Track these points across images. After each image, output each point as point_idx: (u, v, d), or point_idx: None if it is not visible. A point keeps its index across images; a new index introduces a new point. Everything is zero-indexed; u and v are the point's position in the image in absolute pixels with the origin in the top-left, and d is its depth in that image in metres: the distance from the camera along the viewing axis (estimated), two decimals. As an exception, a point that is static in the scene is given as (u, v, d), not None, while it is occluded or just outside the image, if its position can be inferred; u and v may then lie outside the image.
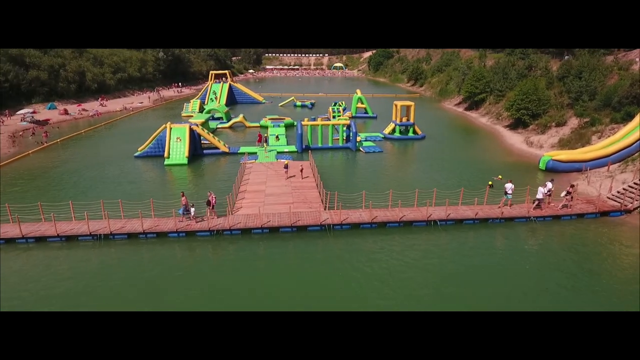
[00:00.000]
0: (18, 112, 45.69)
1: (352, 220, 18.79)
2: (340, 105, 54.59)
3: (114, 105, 59.69)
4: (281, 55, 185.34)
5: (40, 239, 17.74)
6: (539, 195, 20.07)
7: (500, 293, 14.23)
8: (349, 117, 50.60)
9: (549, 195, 20.43)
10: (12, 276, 15.15)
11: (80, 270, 15.57)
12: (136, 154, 32.11)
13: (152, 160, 31.15)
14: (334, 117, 49.73)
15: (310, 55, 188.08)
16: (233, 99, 67.06)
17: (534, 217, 19.63)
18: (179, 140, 30.98)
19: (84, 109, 53.89)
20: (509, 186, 20.06)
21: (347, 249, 17.27)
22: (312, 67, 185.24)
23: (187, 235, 18.27)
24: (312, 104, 63.53)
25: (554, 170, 26.70)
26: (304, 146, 34.21)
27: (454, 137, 40.29)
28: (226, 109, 50.82)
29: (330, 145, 35.23)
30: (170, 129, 31.32)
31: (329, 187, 22.46)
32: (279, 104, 64.53)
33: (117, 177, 26.91)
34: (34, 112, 46.66)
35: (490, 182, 23.35)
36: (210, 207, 18.83)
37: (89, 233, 17.82)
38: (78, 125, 46.52)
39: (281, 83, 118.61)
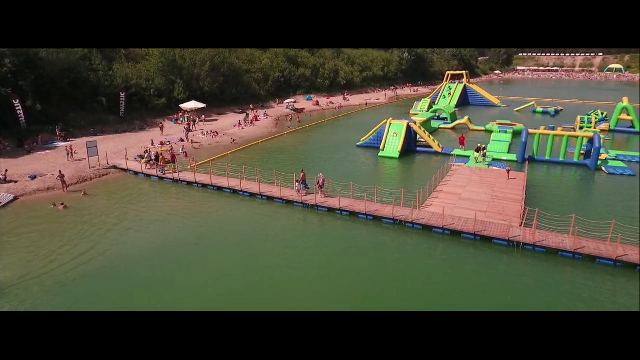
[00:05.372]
0: (285, 101, 58.06)
1: (549, 244, 16.27)
2: (596, 115, 45.56)
3: (355, 100, 67.74)
4: (538, 55, 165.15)
5: (270, 198, 22.86)
6: None
7: None
8: (604, 130, 41.89)
9: None
10: (241, 218, 20.42)
11: (284, 227, 19.51)
12: (358, 143, 36.13)
13: (370, 150, 34.47)
14: (581, 128, 42.12)
15: (577, 54, 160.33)
16: (466, 100, 65.25)
17: None
18: (395, 135, 33.08)
19: (331, 102, 63.64)
20: None
21: (536, 274, 15.20)
22: (576, 68, 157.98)
23: (374, 219, 19.95)
24: (557, 111, 55.13)
25: None
26: (527, 156, 30.72)
27: None
28: (453, 109, 50.15)
29: (561, 159, 30.35)
30: (390, 124, 33.74)
31: (541, 205, 19.85)
32: (515, 109, 58.77)
33: (339, 160, 31.29)
34: (295, 102, 58.34)
35: None
36: (319, 187, 21.63)
37: (301, 201, 21.82)
38: (324, 115, 55.37)
39: (531, 86, 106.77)
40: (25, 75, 33.06)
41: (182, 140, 36.36)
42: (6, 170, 24.96)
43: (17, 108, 32.32)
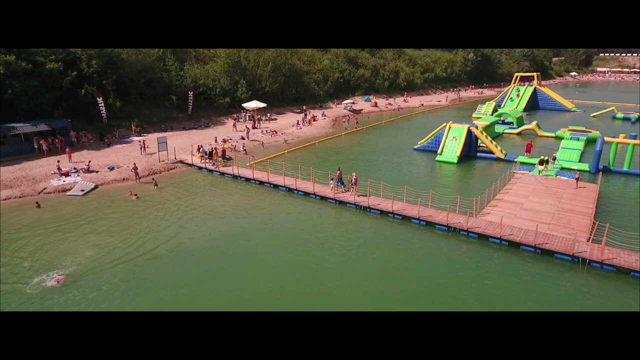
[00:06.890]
0: (343, 102, 58.34)
1: (620, 263, 15.01)
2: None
3: (415, 101, 66.38)
4: (621, 55, 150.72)
5: (323, 198, 23.24)
6: None
7: None
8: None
9: None
10: (294, 216, 20.98)
11: (335, 227, 19.77)
12: (415, 146, 35.49)
13: (427, 154, 33.74)
14: (668, 137, 38.00)
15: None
16: (535, 104, 61.52)
17: None
18: (454, 139, 32.08)
19: (389, 103, 62.92)
20: None
21: (603, 294, 14.13)
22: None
23: (427, 225, 19.59)
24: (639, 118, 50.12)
25: None
26: (601, 167, 28.40)
27: None
28: (519, 114, 47.47)
29: (642, 171, 27.72)
30: (449, 128, 32.77)
31: (613, 220, 18.39)
32: (591, 114, 54.31)
33: (394, 163, 30.98)
34: (353, 103, 58.41)
35: None
36: (353, 185, 22.48)
37: (354, 203, 21.95)
38: (382, 116, 54.91)
39: (612, 89, 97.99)
40: (108, 75, 36.38)
41: (242, 138, 37.97)
42: (89, 161, 27.72)
43: (100, 105, 35.69)
